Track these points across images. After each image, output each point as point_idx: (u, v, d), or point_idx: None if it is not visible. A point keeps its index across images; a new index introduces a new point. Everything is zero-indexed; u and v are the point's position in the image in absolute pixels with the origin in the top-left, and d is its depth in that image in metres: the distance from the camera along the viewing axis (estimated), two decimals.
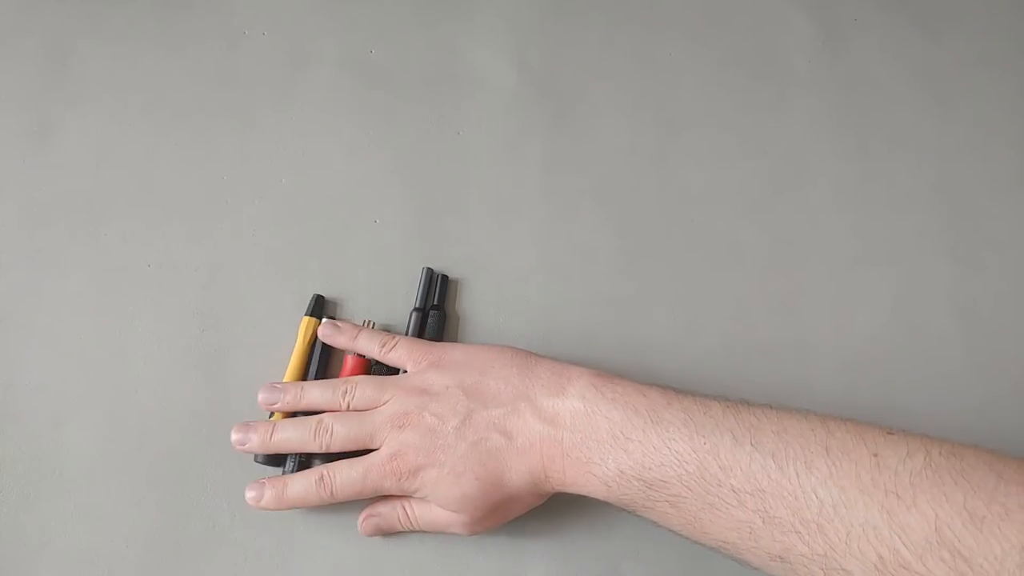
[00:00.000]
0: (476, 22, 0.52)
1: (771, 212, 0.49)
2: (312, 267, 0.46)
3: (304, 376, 0.43)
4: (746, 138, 0.50)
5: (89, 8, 0.51)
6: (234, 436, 0.40)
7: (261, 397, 0.41)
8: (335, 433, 0.39)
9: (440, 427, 0.37)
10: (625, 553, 0.41)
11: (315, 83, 0.50)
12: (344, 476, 0.38)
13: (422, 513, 0.39)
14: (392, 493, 0.39)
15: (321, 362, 0.43)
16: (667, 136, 0.50)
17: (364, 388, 0.40)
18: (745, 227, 0.48)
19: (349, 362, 0.43)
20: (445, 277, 0.46)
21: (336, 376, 0.43)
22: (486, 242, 0.47)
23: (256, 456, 0.41)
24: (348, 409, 0.40)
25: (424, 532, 0.40)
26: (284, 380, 0.43)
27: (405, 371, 0.41)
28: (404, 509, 0.39)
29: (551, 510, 0.41)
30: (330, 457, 0.39)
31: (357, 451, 0.39)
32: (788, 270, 0.47)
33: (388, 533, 0.41)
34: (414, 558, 0.41)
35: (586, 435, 0.35)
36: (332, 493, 0.38)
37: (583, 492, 0.36)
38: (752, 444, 0.31)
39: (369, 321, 0.44)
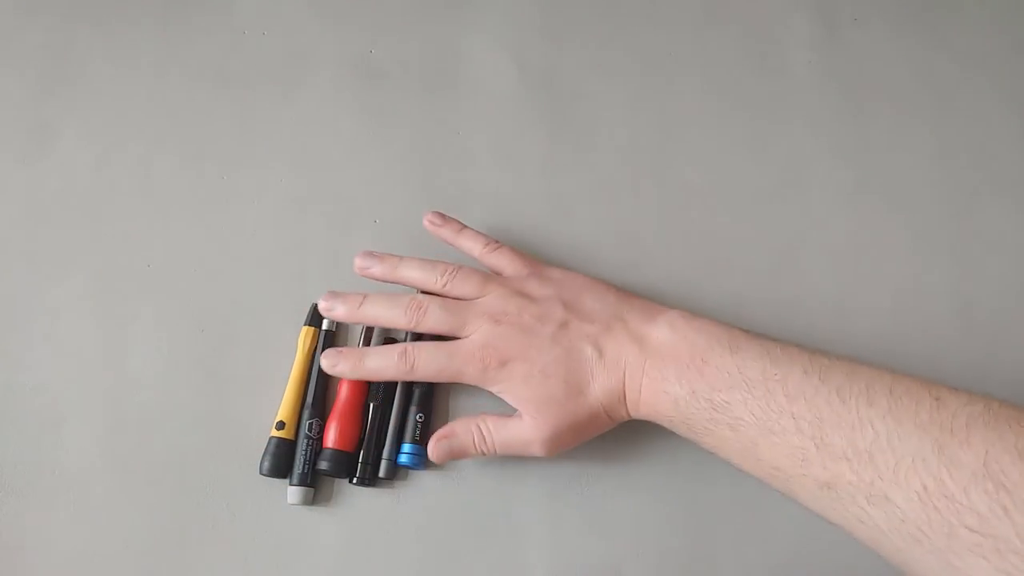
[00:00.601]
0: (476, 21, 0.52)
1: (771, 212, 0.49)
2: (312, 267, 0.46)
3: (304, 387, 0.42)
4: (746, 137, 0.50)
5: (89, 8, 0.51)
6: (322, 304, 0.41)
7: (357, 262, 0.42)
8: (429, 312, 0.39)
9: (537, 328, 0.38)
10: (626, 553, 0.41)
11: (315, 82, 0.50)
12: (429, 354, 0.39)
13: (498, 430, 0.39)
14: (471, 382, 0.39)
15: (321, 373, 0.42)
16: (667, 135, 0.50)
17: (467, 276, 0.40)
18: (745, 227, 0.48)
19: (345, 384, 0.42)
20: None
21: (334, 389, 0.43)
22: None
23: (261, 468, 0.40)
24: (442, 292, 0.40)
25: (500, 456, 0.40)
26: (285, 393, 0.42)
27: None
28: (480, 428, 0.39)
29: (552, 509, 0.41)
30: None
31: (440, 339, 0.40)
32: (788, 269, 0.47)
33: (460, 457, 0.40)
34: (414, 558, 0.40)
35: (669, 358, 0.36)
36: (412, 368, 0.39)
37: (652, 413, 0.37)
38: (820, 378, 0.32)
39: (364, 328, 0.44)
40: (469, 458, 0.41)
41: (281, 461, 0.41)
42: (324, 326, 0.44)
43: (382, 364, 0.40)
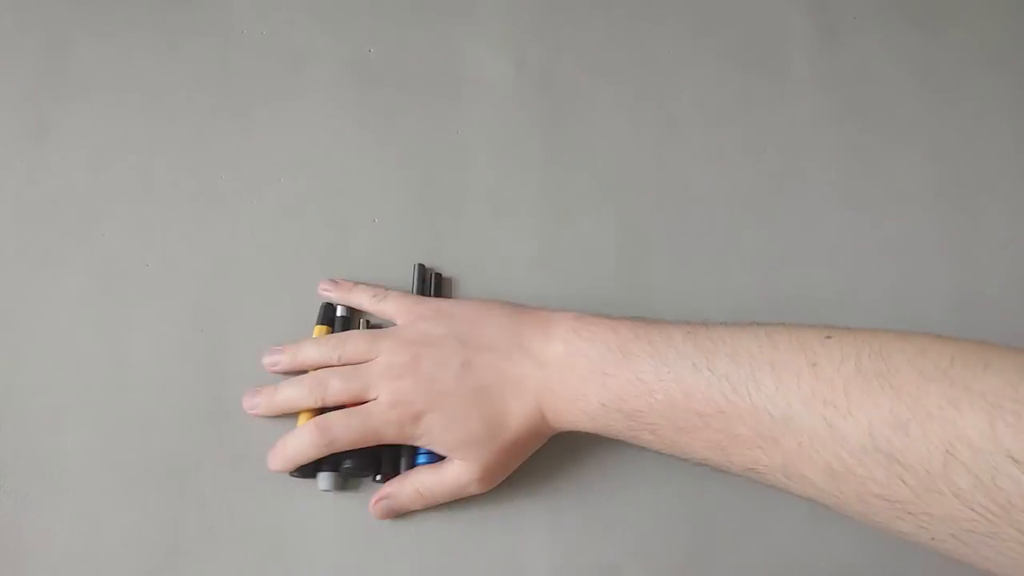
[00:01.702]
0: (475, 20, 0.52)
1: (771, 211, 0.49)
2: (311, 266, 0.46)
3: None
4: (746, 136, 0.50)
5: (87, 7, 0.51)
6: (245, 403, 0.42)
7: (264, 360, 0.43)
8: (329, 387, 0.40)
9: (439, 374, 0.38)
10: (625, 553, 0.41)
11: (314, 82, 0.50)
12: (344, 425, 0.39)
13: (433, 483, 0.39)
14: (392, 441, 0.39)
15: None
16: (667, 134, 0.50)
17: (356, 341, 0.41)
18: (745, 226, 0.48)
19: None
20: (439, 275, 0.46)
21: None
22: (485, 241, 0.47)
23: (292, 472, 0.41)
24: (340, 363, 0.41)
25: (437, 505, 0.40)
26: None
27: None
28: (415, 487, 0.40)
29: (551, 509, 0.41)
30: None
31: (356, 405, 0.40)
32: (788, 269, 0.47)
33: (401, 513, 0.41)
34: (414, 560, 0.40)
35: (570, 374, 0.37)
36: (331, 442, 0.39)
37: (575, 426, 0.38)
38: (709, 369, 0.33)
39: (364, 320, 0.44)
40: (409, 511, 0.41)
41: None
42: (339, 312, 0.44)
43: (304, 444, 0.39)
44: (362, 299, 0.44)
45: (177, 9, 0.52)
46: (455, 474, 0.39)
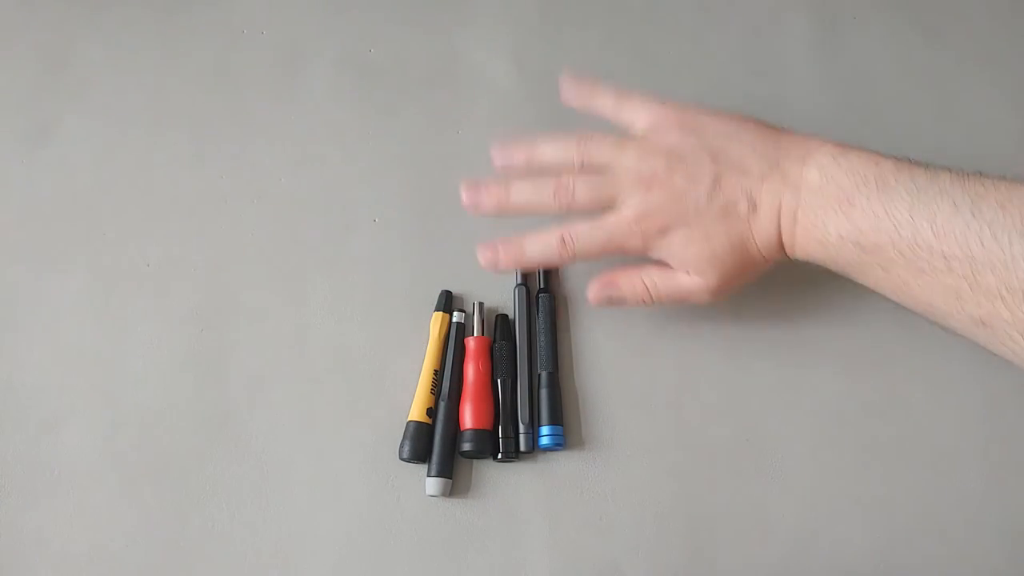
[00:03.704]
0: (475, 21, 0.52)
1: None
2: (311, 266, 0.46)
3: (438, 372, 0.42)
4: None
5: (88, 7, 0.51)
6: (465, 197, 0.40)
7: (495, 155, 0.41)
8: (576, 193, 0.38)
9: (690, 190, 0.37)
10: (625, 552, 0.41)
11: (314, 82, 0.50)
12: (588, 236, 0.38)
13: (663, 282, 0.39)
14: (634, 254, 0.39)
15: (456, 355, 0.43)
16: None
17: (600, 144, 0.39)
18: None
19: (471, 344, 0.43)
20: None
21: (464, 362, 0.43)
22: (485, 241, 0.47)
23: (401, 453, 0.40)
24: (583, 166, 0.39)
25: (662, 303, 0.40)
26: (420, 377, 0.42)
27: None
28: (643, 281, 0.39)
29: (552, 509, 0.41)
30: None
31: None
32: (787, 269, 0.47)
33: (619, 305, 0.40)
34: (414, 557, 0.40)
35: (817, 202, 0.36)
36: (574, 254, 0.38)
37: (807, 256, 0.38)
38: (972, 213, 0.32)
39: (480, 302, 0.44)
40: (627, 307, 0.39)
41: (420, 445, 0.41)
42: (454, 318, 0.44)
43: (544, 251, 0.39)
44: (605, 102, 0.41)
45: (177, 9, 0.52)
46: (690, 280, 0.38)
